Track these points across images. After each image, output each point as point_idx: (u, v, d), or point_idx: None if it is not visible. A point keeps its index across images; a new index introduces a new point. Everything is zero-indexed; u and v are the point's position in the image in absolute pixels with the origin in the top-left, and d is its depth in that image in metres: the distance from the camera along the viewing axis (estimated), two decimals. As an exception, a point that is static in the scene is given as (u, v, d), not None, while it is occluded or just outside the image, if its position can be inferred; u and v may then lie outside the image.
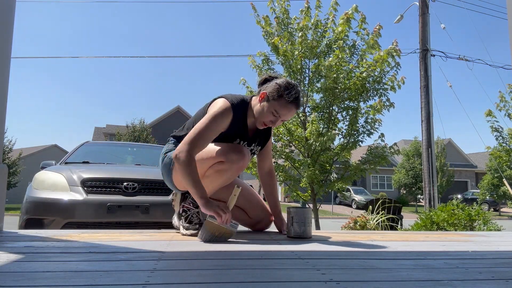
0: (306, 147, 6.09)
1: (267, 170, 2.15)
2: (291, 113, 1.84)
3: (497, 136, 11.13)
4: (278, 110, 1.78)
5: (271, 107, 1.78)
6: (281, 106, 1.77)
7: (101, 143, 5.76)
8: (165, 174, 1.93)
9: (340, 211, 21.08)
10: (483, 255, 1.60)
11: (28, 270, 1.10)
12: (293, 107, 1.80)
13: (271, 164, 2.17)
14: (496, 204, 25.23)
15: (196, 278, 1.05)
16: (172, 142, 1.96)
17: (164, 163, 1.92)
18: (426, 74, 8.69)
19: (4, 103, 1.94)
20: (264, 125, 1.84)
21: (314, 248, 1.61)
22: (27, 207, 3.03)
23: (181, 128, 1.99)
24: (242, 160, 1.74)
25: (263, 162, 2.13)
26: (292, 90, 1.78)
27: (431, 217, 4.75)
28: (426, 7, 8.97)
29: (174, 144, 1.93)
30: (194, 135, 1.70)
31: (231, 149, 1.75)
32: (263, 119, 1.81)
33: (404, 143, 31.45)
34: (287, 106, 1.78)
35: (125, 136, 23.27)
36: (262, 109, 1.79)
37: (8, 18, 1.96)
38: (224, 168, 1.74)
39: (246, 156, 1.75)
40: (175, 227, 2.05)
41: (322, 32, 6.22)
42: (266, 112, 1.79)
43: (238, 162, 1.73)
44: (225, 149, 1.75)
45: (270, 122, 1.82)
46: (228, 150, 1.74)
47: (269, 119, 1.80)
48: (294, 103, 1.79)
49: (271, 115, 1.79)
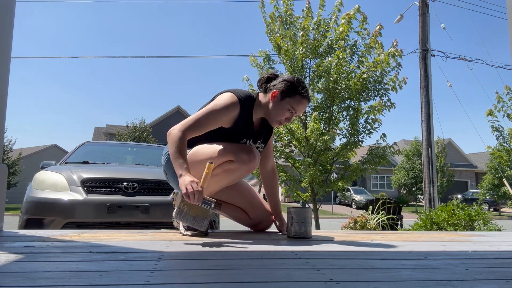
0: (306, 147, 6.09)
1: (269, 169, 2.14)
2: (305, 108, 1.87)
3: (498, 136, 11.12)
4: (295, 106, 1.80)
5: (286, 105, 1.79)
6: (297, 102, 1.80)
7: (101, 143, 5.76)
8: (170, 172, 1.91)
9: (340, 211, 21.08)
10: (483, 255, 1.60)
11: (28, 270, 1.10)
12: (306, 101, 1.84)
13: (273, 162, 2.17)
14: (496, 204, 25.22)
15: (196, 278, 1.05)
16: None
17: (169, 162, 1.89)
18: (426, 74, 8.69)
19: (4, 103, 1.94)
20: (279, 123, 1.84)
21: (314, 248, 1.61)
22: (27, 207, 3.03)
23: None
24: (253, 161, 1.73)
25: (265, 161, 2.12)
26: (304, 85, 1.83)
27: (431, 217, 4.74)
28: (426, 7, 8.97)
29: None
30: (192, 117, 1.73)
31: (242, 149, 1.73)
32: (279, 118, 1.82)
33: (404, 143, 31.45)
34: (302, 101, 1.82)
35: (125, 136, 23.28)
36: (277, 107, 1.80)
37: (8, 18, 1.96)
38: (234, 168, 1.72)
39: (256, 158, 1.74)
40: (175, 227, 2.04)
41: (324, 32, 6.23)
42: (283, 110, 1.80)
43: (249, 163, 1.71)
44: (235, 148, 1.74)
45: (286, 120, 1.83)
46: (239, 150, 1.73)
47: (285, 116, 1.82)
48: (308, 97, 1.84)
49: (288, 112, 1.81)
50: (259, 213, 2.08)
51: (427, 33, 8.90)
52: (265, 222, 2.10)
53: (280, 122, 1.84)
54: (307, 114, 6.35)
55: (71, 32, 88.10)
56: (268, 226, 2.13)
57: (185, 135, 1.68)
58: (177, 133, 1.67)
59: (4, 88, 1.93)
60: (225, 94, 1.80)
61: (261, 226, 2.12)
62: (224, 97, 1.77)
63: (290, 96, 1.80)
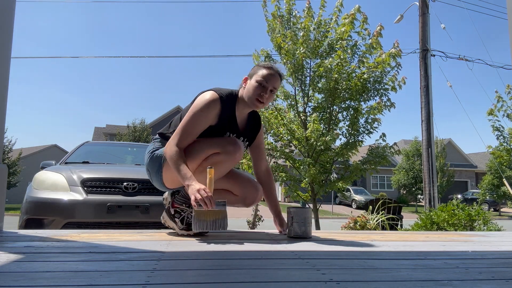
0: (306, 147, 6.09)
1: (264, 170, 2.14)
2: (275, 78, 1.87)
3: (498, 136, 11.11)
4: (262, 77, 1.84)
5: (254, 82, 1.85)
6: (262, 73, 1.85)
7: (101, 143, 5.77)
8: (153, 171, 1.92)
9: (340, 211, 21.07)
10: (483, 255, 1.60)
11: (28, 270, 1.10)
12: (274, 71, 1.87)
13: (266, 163, 2.17)
14: (496, 204, 25.21)
15: (196, 278, 1.05)
16: (158, 140, 1.97)
17: (152, 160, 1.90)
18: (426, 74, 8.69)
19: (4, 103, 1.94)
20: (259, 101, 1.85)
21: (314, 248, 1.61)
22: (27, 207, 3.03)
23: (168, 126, 2.00)
24: (238, 151, 1.77)
25: (259, 163, 2.12)
26: (268, 63, 1.90)
27: (431, 217, 4.74)
28: (426, 7, 8.97)
29: (160, 143, 1.94)
30: (182, 128, 1.77)
31: (226, 141, 1.79)
32: (254, 96, 1.84)
33: (404, 143, 31.44)
34: (268, 71, 1.86)
35: (125, 136, 23.29)
36: (249, 87, 1.86)
37: (8, 18, 1.96)
38: (220, 160, 1.76)
39: (241, 148, 1.79)
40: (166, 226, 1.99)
41: (325, 32, 6.23)
42: (253, 87, 1.84)
43: (235, 153, 1.76)
44: (219, 141, 1.79)
45: (261, 95, 1.84)
46: (223, 142, 1.78)
47: (258, 91, 1.84)
48: (273, 68, 1.88)
49: (259, 86, 1.84)
50: (241, 186, 1.98)
51: (427, 33, 8.90)
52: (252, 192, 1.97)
53: (258, 100, 1.84)
54: (307, 114, 6.35)
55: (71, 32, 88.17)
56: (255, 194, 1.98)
57: (181, 149, 1.75)
58: (172, 149, 1.74)
59: (4, 88, 1.93)
60: (205, 93, 1.84)
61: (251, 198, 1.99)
62: (204, 96, 1.82)
63: (256, 73, 1.87)
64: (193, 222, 1.68)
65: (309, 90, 6.35)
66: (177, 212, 1.91)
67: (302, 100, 6.45)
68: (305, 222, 1.89)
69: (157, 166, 1.88)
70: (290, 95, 6.45)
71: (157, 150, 1.91)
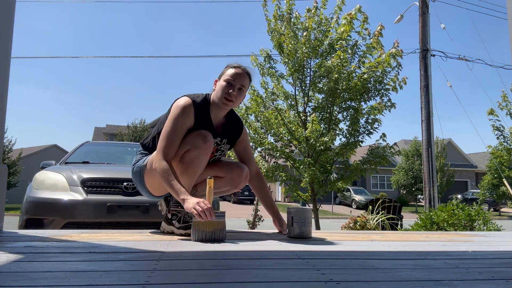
0: (306, 147, 6.09)
1: (254, 173, 2.13)
2: (242, 76, 1.91)
3: (498, 135, 11.12)
4: (229, 76, 1.89)
5: (222, 81, 1.90)
6: (230, 72, 1.91)
7: (101, 143, 5.76)
8: (138, 184, 2.00)
9: (340, 211, 21.07)
10: (483, 255, 1.60)
11: (28, 270, 1.10)
12: (240, 70, 1.92)
13: (256, 166, 2.17)
14: (496, 204, 25.19)
15: (196, 278, 1.05)
16: (139, 152, 2.04)
17: (134, 173, 1.99)
18: (426, 74, 8.69)
19: (4, 103, 1.94)
20: (227, 99, 1.88)
21: (314, 248, 1.61)
22: (27, 207, 3.03)
23: (147, 135, 2.06)
24: (207, 142, 1.79)
25: (248, 167, 2.07)
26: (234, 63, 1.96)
27: (431, 217, 4.74)
28: (426, 7, 8.96)
29: (141, 154, 2.02)
30: (166, 137, 1.81)
31: (193, 136, 1.82)
32: (222, 94, 1.88)
33: (404, 143, 31.43)
34: (236, 70, 1.91)
35: (126, 136, 23.30)
36: (218, 88, 1.91)
37: (8, 18, 1.96)
38: (193, 156, 1.78)
39: (207, 137, 1.80)
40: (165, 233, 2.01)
41: (325, 32, 6.22)
42: (222, 86, 1.89)
43: (204, 143, 1.78)
44: (188, 139, 1.82)
45: (229, 93, 1.87)
46: (191, 138, 1.81)
47: (226, 90, 1.88)
48: (240, 67, 1.93)
49: (226, 84, 1.88)
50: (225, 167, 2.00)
51: (427, 33, 8.89)
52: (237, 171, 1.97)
53: (227, 98, 1.88)
54: (307, 114, 6.35)
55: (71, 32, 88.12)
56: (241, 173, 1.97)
57: (168, 161, 1.77)
58: (161, 164, 1.75)
59: (4, 88, 1.93)
60: (179, 100, 1.89)
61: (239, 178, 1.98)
62: (178, 103, 1.86)
63: (224, 73, 1.93)
64: (192, 232, 1.73)
65: (309, 90, 6.35)
66: (173, 215, 1.95)
67: (302, 100, 6.45)
68: (305, 222, 1.89)
69: (138, 178, 1.96)
70: (290, 95, 6.45)
71: (137, 163, 1.99)
